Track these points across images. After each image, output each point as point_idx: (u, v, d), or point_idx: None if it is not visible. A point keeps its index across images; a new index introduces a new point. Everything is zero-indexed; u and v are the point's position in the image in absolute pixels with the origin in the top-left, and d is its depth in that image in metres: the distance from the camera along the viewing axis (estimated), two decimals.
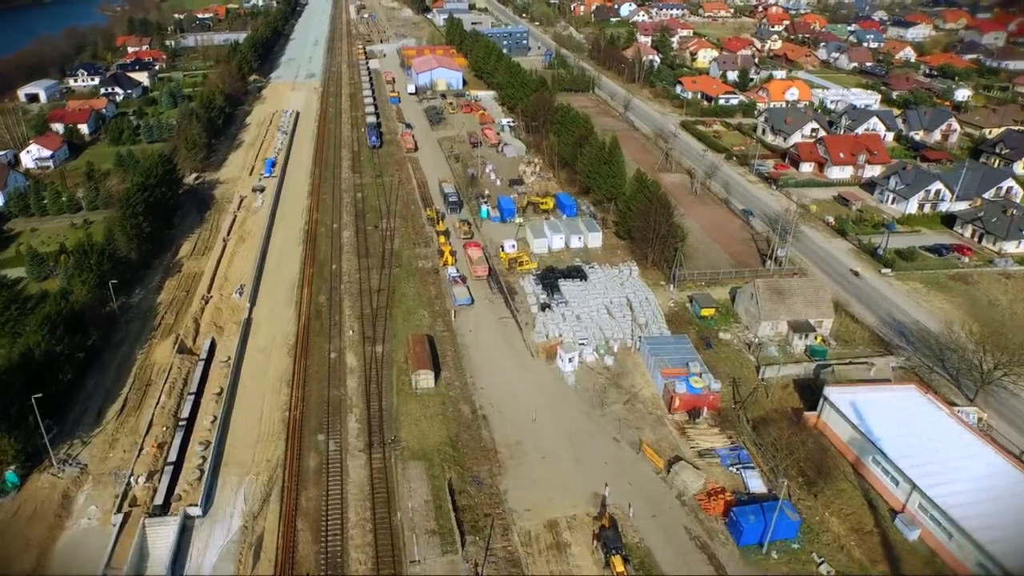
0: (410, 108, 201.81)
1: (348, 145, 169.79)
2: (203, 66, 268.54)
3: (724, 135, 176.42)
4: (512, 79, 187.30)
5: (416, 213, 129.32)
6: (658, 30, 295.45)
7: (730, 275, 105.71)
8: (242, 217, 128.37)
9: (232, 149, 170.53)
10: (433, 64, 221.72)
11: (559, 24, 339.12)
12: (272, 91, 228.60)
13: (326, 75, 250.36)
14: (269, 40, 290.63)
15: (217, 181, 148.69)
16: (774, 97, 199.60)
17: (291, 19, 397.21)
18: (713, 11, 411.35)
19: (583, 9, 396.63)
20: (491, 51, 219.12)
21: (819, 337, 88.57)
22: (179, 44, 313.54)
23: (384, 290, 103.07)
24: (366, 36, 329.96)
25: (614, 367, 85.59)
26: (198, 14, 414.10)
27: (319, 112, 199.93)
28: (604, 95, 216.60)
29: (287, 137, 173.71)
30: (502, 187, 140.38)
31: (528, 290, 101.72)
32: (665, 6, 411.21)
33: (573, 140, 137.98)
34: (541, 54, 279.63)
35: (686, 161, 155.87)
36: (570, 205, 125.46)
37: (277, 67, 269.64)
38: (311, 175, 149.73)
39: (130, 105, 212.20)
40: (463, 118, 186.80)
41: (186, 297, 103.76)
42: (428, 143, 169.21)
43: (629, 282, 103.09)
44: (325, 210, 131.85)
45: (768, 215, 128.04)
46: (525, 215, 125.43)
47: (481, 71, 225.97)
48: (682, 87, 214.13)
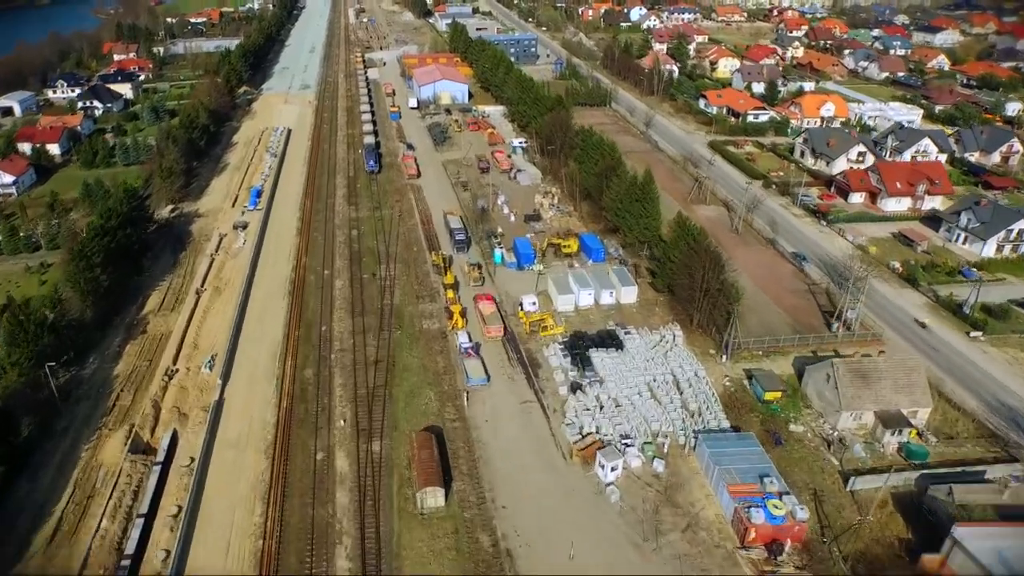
0: (412, 125, 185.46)
1: (343, 170, 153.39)
2: (192, 76, 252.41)
3: (758, 158, 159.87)
4: (524, 94, 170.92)
5: (419, 257, 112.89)
6: (675, 37, 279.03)
7: (792, 342, 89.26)
8: (220, 261, 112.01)
9: (216, 173, 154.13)
10: (436, 75, 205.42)
11: (568, 30, 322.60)
12: (263, 104, 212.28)
13: (321, 86, 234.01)
14: (262, 48, 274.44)
15: (196, 213, 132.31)
16: (808, 113, 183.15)
17: (287, 23, 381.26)
18: (727, 15, 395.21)
19: (591, 14, 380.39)
20: (499, 61, 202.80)
21: (914, 432, 72.24)
22: (168, 52, 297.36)
23: (383, 361, 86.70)
24: (365, 42, 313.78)
25: (665, 475, 69.27)
26: (191, 18, 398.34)
27: (313, 129, 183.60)
28: (622, 110, 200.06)
29: (276, 160, 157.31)
30: (517, 223, 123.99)
31: (554, 363, 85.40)
32: (677, 10, 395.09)
33: (597, 170, 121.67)
34: (550, 63, 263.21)
35: (720, 190, 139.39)
36: (596, 249, 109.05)
37: (270, 76, 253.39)
38: (301, 207, 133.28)
39: (109, 121, 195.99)
40: (470, 137, 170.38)
41: (148, 368, 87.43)
42: (432, 167, 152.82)
43: (673, 352, 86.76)
44: (315, 252, 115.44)
45: (822, 259, 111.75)
46: (545, 259, 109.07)
47: (488, 83, 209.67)
48: (706, 101, 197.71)
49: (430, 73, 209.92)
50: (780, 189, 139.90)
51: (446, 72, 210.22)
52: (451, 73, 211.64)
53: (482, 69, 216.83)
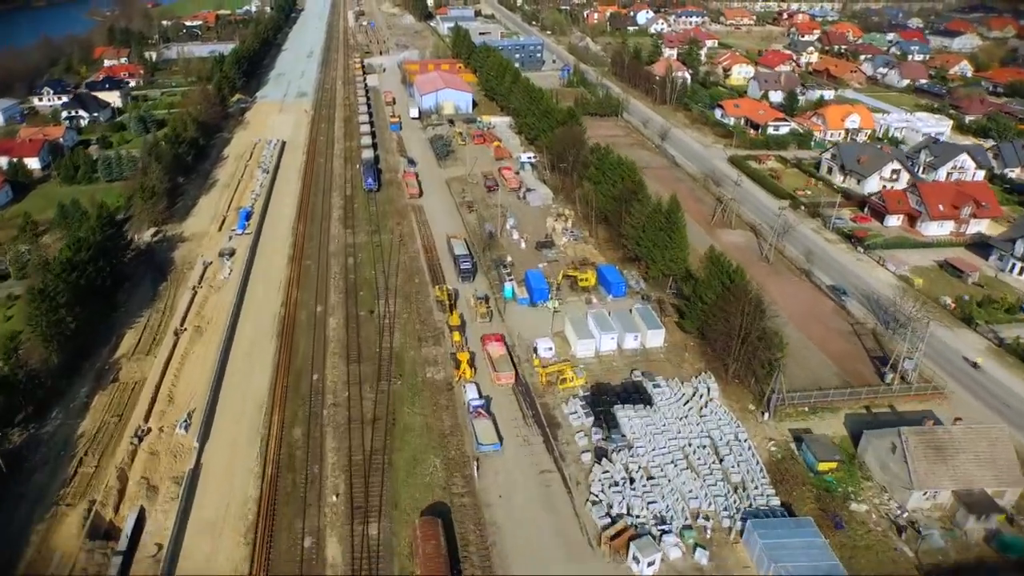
0: (413, 137, 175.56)
1: (340, 187, 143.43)
2: (184, 82, 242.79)
3: (782, 174, 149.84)
4: (532, 106, 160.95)
5: (422, 290, 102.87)
6: (686, 42, 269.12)
7: (842, 396, 79.25)
8: (203, 295, 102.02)
9: (204, 191, 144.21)
10: (439, 84, 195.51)
11: (574, 34, 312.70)
12: (257, 113, 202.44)
13: (318, 94, 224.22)
14: (257, 53, 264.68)
15: (180, 237, 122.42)
16: (832, 125, 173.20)
17: (285, 27, 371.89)
18: (735, 19, 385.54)
19: (597, 17, 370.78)
20: (504, 69, 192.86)
21: (1003, 516, 62.30)
22: (161, 57, 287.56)
23: (382, 419, 76.78)
24: (364, 47, 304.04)
25: (711, 568, 59.31)
26: (186, 21, 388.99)
27: (308, 142, 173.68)
28: (634, 121, 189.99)
29: (268, 176, 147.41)
30: (528, 250, 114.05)
31: (575, 422, 75.51)
32: (684, 13, 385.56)
33: (615, 192, 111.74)
34: (556, 69, 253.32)
35: (745, 212, 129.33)
36: (617, 283, 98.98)
37: (265, 83, 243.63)
38: (293, 231, 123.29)
39: (95, 131, 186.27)
40: (475, 151, 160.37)
41: (117, 425, 77.54)
42: (435, 185, 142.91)
43: (708, 409, 76.83)
44: (308, 284, 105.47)
45: (863, 292, 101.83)
46: (560, 293, 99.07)
47: (493, 92, 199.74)
48: (723, 112, 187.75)
49: (432, 81, 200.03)
50: (809, 210, 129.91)
51: (449, 80, 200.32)
52: (454, 81, 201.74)
53: (487, 77, 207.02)
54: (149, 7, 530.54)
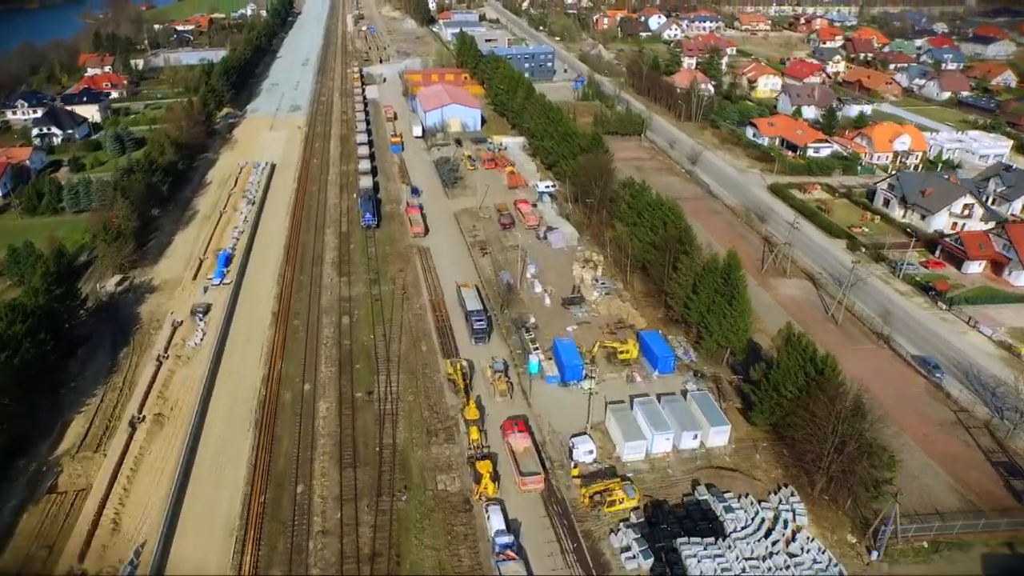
0: (416, 159, 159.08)
1: (335, 222, 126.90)
2: (171, 93, 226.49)
3: (832, 206, 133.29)
4: (550, 127, 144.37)
5: (430, 361, 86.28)
6: (706, 51, 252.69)
7: (974, 527, 62.48)
8: (169, 369, 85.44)
9: (181, 224, 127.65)
10: (444, 99, 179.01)
11: (585, 41, 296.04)
12: (246, 130, 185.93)
13: (314, 107, 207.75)
14: (249, 62, 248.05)
15: (149, 285, 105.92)
16: (879, 147, 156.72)
17: (281, 31, 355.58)
18: (751, 24, 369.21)
19: (606, 22, 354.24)
20: (516, 83, 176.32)
21: None
22: (148, 64, 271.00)
23: (382, 556, 60.29)
24: (363, 54, 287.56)
25: None
26: (178, 25, 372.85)
27: (300, 164, 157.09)
28: (659, 141, 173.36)
29: (254, 208, 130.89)
30: (553, 307, 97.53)
31: (628, 564, 59.00)
32: (698, 18, 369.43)
33: (655, 239, 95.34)
34: (569, 79, 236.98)
35: (798, 255, 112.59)
36: (664, 357, 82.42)
37: (257, 95, 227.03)
38: (279, 279, 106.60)
39: (68, 151, 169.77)
40: (486, 177, 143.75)
41: (45, 562, 61.05)
42: (442, 219, 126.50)
43: (798, 544, 60.35)
44: (294, 353, 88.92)
45: (958, 364, 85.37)
46: (596, 367, 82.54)
47: (504, 107, 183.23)
48: (755, 131, 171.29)
49: (437, 95, 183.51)
50: (871, 253, 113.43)
51: (455, 94, 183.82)
52: (461, 95, 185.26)
53: (496, 90, 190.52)
54: (143, 9, 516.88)
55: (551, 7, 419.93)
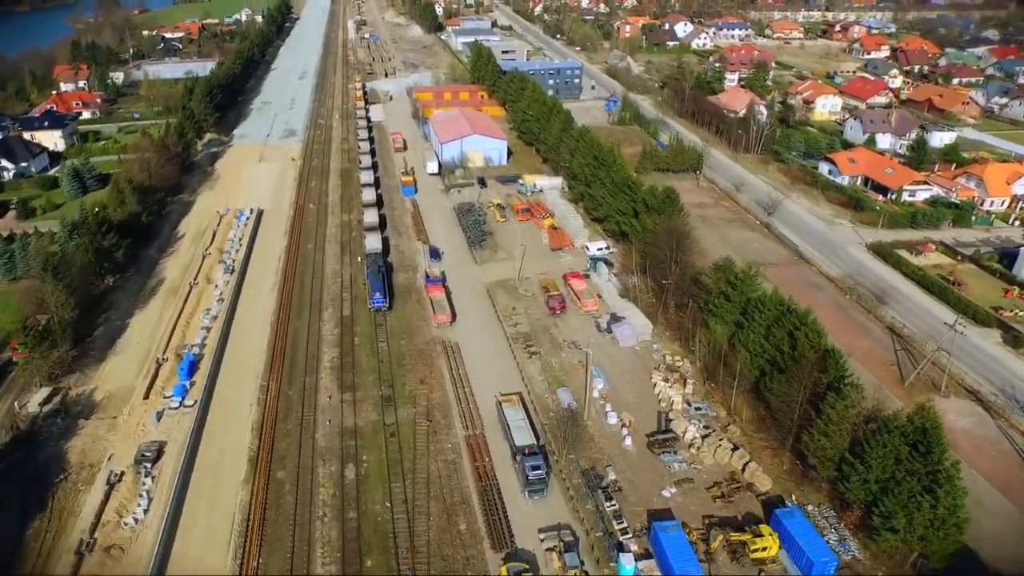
0: (433, 204, 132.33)
1: (334, 300, 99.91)
2: (149, 112, 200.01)
3: (959, 274, 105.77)
4: (599, 170, 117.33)
5: (474, 557, 59.25)
6: (751, 65, 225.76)
7: None
8: (96, 562, 58.57)
9: (140, 302, 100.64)
10: (464, 128, 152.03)
11: (612, 53, 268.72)
12: (232, 162, 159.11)
13: (310, 132, 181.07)
14: (239, 77, 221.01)
15: (89, 401, 79.05)
16: (994, 190, 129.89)
17: (277, 39, 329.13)
18: (783, 32, 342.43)
19: (629, 30, 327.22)
20: (549, 109, 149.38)
21: None
22: (129, 78, 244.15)
23: None
24: (367, 66, 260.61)
25: None
26: (167, 32, 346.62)
27: (293, 212, 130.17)
28: (721, 181, 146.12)
29: (233, 279, 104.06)
30: (637, 452, 70.57)
31: None
32: (725, 25, 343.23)
33: (774, 357, 68.57)
34: (599, 98, 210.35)
35: (955, 364, 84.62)
36: (822, 561, 55.38)
37: (246, 116, 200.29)
38: (260, 398, 79.54)
39: (18, 190, 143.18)
40: (520, 231, 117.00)
41: None
42: (471, 297, 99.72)
43: None
44: (278, 537, 61.77)
45: None
46: (717, 564, 55.72)
47: (533, 136, 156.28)
48: (833, 167, 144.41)
49: (455, 123, 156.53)
50: None
51: (477, 122, 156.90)
52: (483, 123, 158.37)
53: (522, 116, 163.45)
54: (136, 13, 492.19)
55: (565, 12, 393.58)
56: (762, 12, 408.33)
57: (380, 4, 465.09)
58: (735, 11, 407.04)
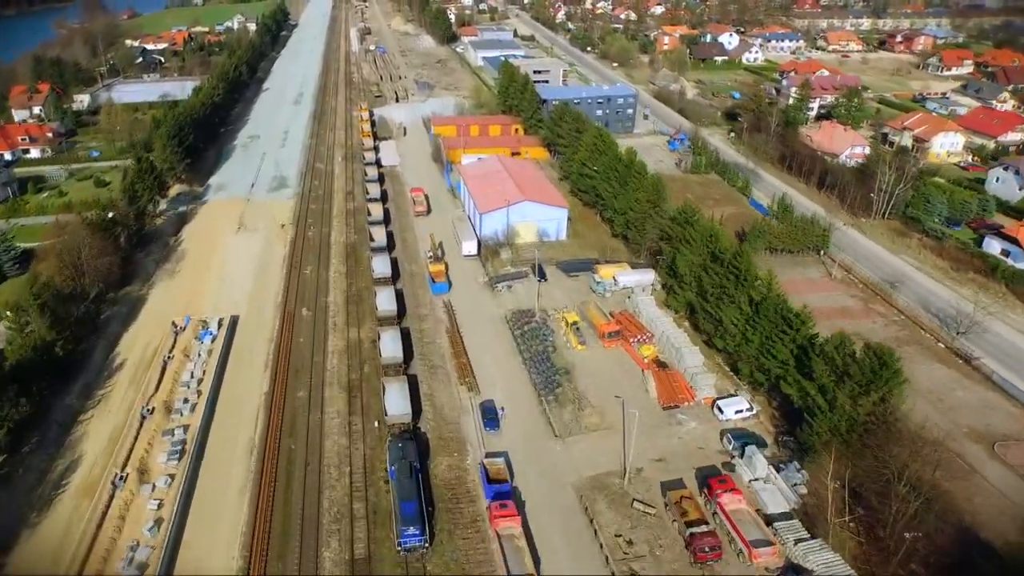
0: (475, 309, 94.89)
1: (338, 514, 62.39)
2: (112, 151, 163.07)
3: None
4: (726, 281, 79.82)
5: None
6: (841, 90, 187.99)
7: None
8: None
9: (32, 510, 63.61)
10: (511, 193, 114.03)
11: (658, 72, 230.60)
12: (202, 230, 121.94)
13: (306, 182, 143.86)
14: (221, 105, 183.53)
15: None
16: None
17: (272, 51, 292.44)
18: (840, 44, 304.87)
19: (668, 42, 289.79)
20: (624, 166, 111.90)
21: None
22: (96, 101, 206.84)
23: None
24: (374, 86, 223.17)
25: None
26: (148, 44, 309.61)
27: (280, 321, 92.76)
28: (859, 268, 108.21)
29: (182, 472, 66.67)
30: None
31: None
32: (774, 36, 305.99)
33: None
34: (656, 131, 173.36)
35: None
36: None
37: (228, 154, 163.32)
38: None
39: None
40: (608, 363, 79.67)
41: None
42: (553, 505, 62.41)
43: None
44: None
45: None
46: None
47: (597, 197, 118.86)
48: (1005, 245, 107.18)
49: (496, 182, 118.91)
50: None
51: (525, 180, 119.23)
52: (534, 183, 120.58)
53: (578, 168, 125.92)
54: (125, 19, 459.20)
55: (590, 21, 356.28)
56: (807, 19, 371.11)
57: (385, 10, 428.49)
58: (777, 18, 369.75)
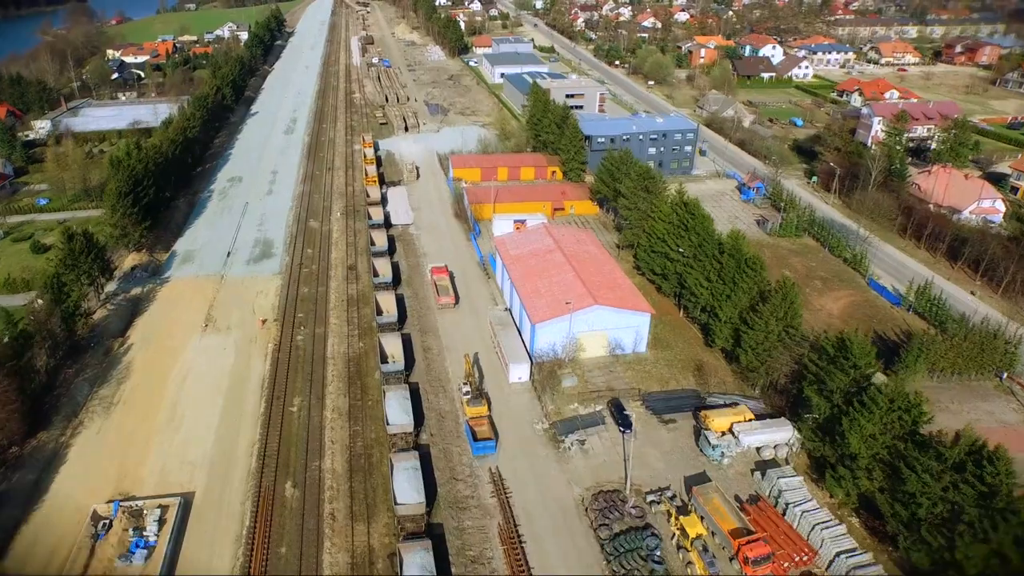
0: (536, 483, 64.23)
1: None
2: (64, 199, 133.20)
3: None
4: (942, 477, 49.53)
5: None
6: (939, 121, 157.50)
7: None
8: None
9: None
10: (577, 294, 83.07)
11: (707, 95, 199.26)
12: (154, 327, 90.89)
13: (296, 248, 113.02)
14: (195, 140, 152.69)
15: None
16: None
17: (265, 63, 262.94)
18: (895, 55, 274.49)
19: (704, 55, 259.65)
20: (734, 260, 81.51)
21: None
22: (57, 128, 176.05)
23: None
24: (379, 109, 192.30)
25: None
26: (129, 56, 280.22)
27: (255, 503, 62.21)
28: None
29: None
30: None
31: None
32: (819, 48, 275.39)
33: None
34: (723, 174, 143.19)
35: None
36: None
37: (202, 205, 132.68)
38: None
39: None
40: None
41: None
42: None
43: None
44: None
45: None
46: None
47: (680, 283, 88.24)
48: None
49: (548, 275, 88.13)
50: None
51: (594, 275, 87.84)
52: (605, 278, 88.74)
53: (647, 240, 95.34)
54: (113, 23, 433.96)
55: (610, 29, 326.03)
56: (846, 27, 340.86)
57: (388, 15, 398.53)
58: (816, 27, 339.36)
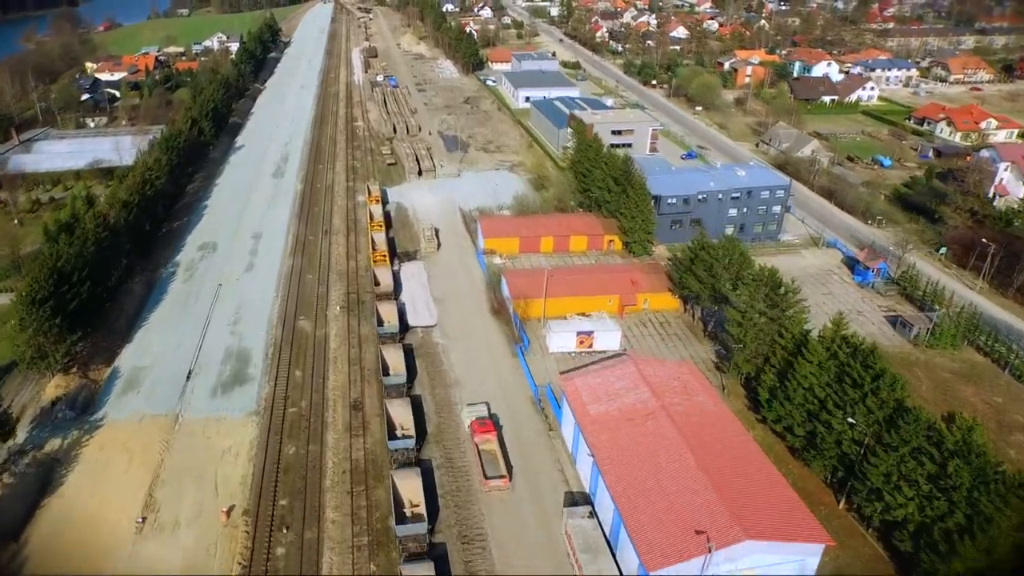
0: None
1: None
2: None
3: None
4: None
5: None
6: None
7: None
8: None
9: None
10: (723, 526, 53.25)
11: (774, 128, 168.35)
12: (67, 518, 60.64)
13: (280, 364, 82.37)
14: (160, 193, 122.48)
15: None
16: None
17: (256, 80, 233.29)
18: (966, 73, 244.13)
19: (751, 72, 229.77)
20: (887, 400, 51.52)
21: None
22: (4, 166, 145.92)
23: None
24: (385, 143, 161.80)
25: None
26: (105, 73, 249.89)
27: None
28: None
29: None
30: None
31: None
32: (876, 64, 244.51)
33: None
34: (823, 244, 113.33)
35: None
36: None
37: (162, 288, 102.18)
38: None
39: None
40: None
41: None
42: None
43: None
44: None
45: None
46: None
47: (844, 461, 58.21)
48: None
49: (656, 461, 58.24)
50: None
51: (736, 490, 57.64)
52: (748, 489, 58.64)
53: (771, 377, 65.53)
54: (101, 30, 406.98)
55: (638, 40, 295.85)
56: (896, 38, 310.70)
57: (393, 24, 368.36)
58: (864, 37, 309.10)
